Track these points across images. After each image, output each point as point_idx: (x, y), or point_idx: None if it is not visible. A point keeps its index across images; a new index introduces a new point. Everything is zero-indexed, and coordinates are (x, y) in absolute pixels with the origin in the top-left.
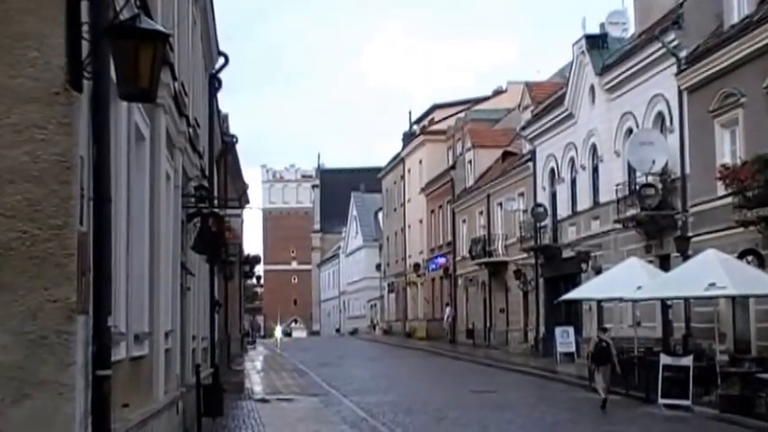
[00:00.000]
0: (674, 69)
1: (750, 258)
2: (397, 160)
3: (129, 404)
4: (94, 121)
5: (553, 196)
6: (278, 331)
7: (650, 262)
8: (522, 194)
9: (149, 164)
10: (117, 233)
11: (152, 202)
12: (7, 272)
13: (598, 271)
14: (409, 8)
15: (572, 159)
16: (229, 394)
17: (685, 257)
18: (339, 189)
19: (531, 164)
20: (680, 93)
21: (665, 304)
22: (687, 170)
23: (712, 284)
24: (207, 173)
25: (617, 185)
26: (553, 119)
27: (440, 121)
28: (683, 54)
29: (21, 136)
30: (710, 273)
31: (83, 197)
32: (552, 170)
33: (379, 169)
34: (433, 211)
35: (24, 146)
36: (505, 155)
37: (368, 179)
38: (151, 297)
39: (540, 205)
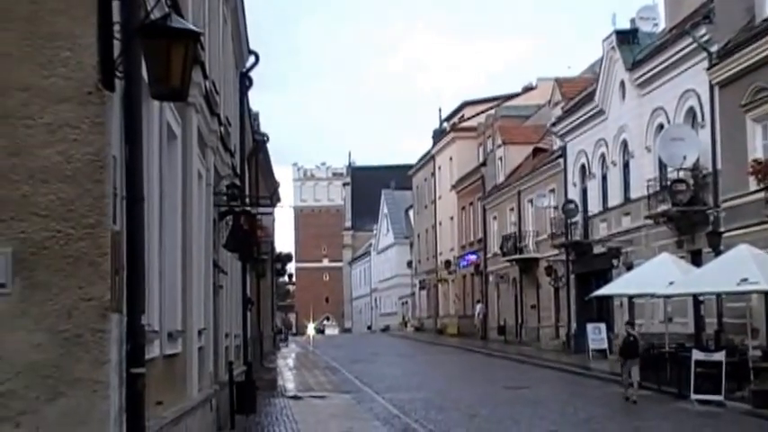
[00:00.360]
0: (706, 64)
1: None
2: (428, 157)
3: (163, 402)
4: (127, 120)
5: (584, 192)
6: (310, 329)
7: (682, 258)
8: (552, 191)
9: (181, 163)
10: (150, 232)
11: (184, 200)
12: (42, 271)
13: (629, 267)
14: (439, 7)
15: (603, 155)
16: (262, 391)
17: (717, 253)
18: (370, 187)
19: (561, 160)
20: (711, 88)
21: (697, 300)
22: (719, 165)
23: (744, 280)
24: (238, 171)
25: (648, 181)
26: (583, 115)
27: (470, 118)
28: (714, 49)
29: (54, 136)
30: (743, 268)
31: (116, 196)
32: (583, 166)
33: (409, 167)
34: (463, 208)
35: (58, 145)
36: (536, 151)
37: (398, 176)
38: (184, 295)
39: (571, 201)
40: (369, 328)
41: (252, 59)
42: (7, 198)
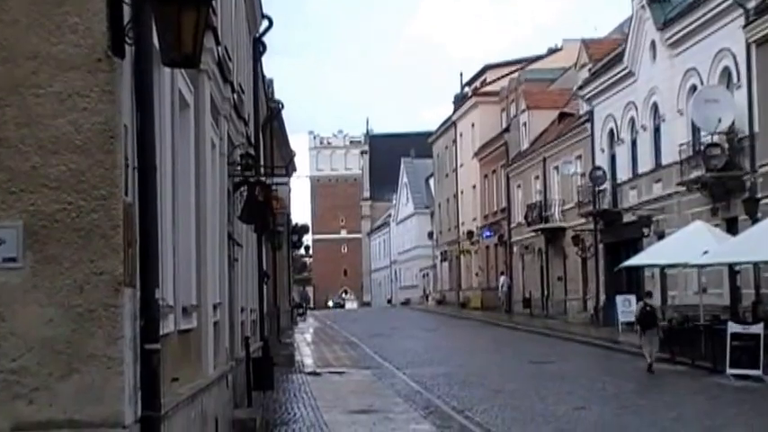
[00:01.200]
0: (742, 21)
1: None
2: (449, 124)
3: (179, 378)
4: (137, 88)
5: (612, 159)
6: (330, 303)
7: (716, 226)
8: (579, 157)
9: (194, 131)
10: (162, 203)
11: (197, 170)
12: (53, 244)
13: (661, 236)
14: None
15: (632, 119)
16: (279, 367)
17: (754, 220)
18: (389, 155)
19: (588, 125)
20: (748, 46)
21: (732, 270)
22: (755, 128)
23: None
24: (252, 140)
25: (680, 146)
26: (612, 77)
27: (492, 82)
28: (750, 5)
29: (64, 105)
30: None
31: (127, 167)
32: (611, 131)
33: (429, 134)
34: (486, 177)
35: (68, 115)
36: (562, 116)
37: (418, 144)
38: (198, 269)
39: (599, 168)
40: (389, 301)
41: (265, 24)
42: (17, 170)
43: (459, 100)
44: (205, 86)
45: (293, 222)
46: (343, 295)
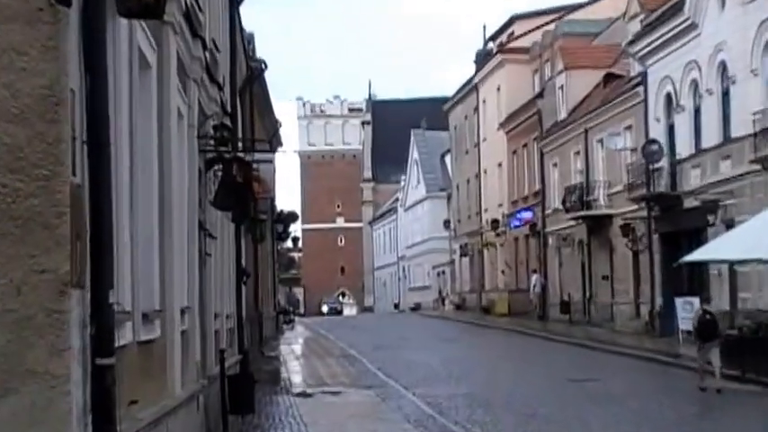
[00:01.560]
0: None
1: None
2: (469, 88)
3: (139, 400)
4: (87, 44)
5: (670, 130)
6: (324, 308)
7: None
8: (629, 128)
9: (157, 98)
10: (118, 185)
11: (161, 146)
12: None
13: (729, 225)
14: None
15: (694, 82)
16: (262, 386)
17: None
18: (395, 126)
19: (640, 89)
20: None
21: None
22: None
23: None
24: (229, 109)
25: (754, 114)
26: (669, 31)
27: (522, 36)
28: None
29: None
30: None
31: (75, 140)
32: (668, 96)
33: (445, 99)
34: (515, 152)
35: (1, 76)
36: (608, 78)
37: (431, 113)
38: (162, 266)
39: (654, 142)
40: (396, 306)
41: None
42: None
43: (482, 58)
44: (170, 43)
45: (279, 209)
46: (340, 298)
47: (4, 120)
